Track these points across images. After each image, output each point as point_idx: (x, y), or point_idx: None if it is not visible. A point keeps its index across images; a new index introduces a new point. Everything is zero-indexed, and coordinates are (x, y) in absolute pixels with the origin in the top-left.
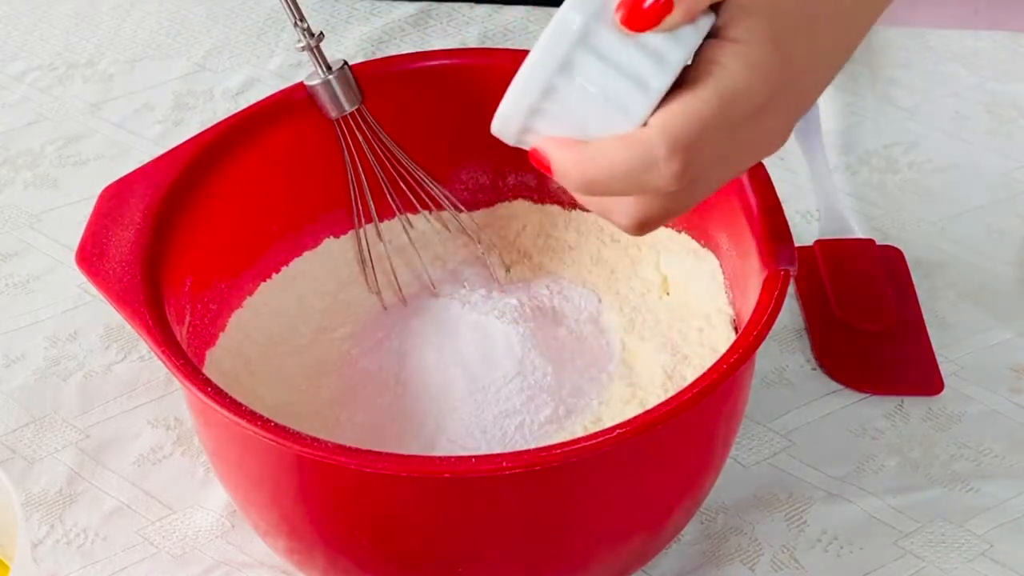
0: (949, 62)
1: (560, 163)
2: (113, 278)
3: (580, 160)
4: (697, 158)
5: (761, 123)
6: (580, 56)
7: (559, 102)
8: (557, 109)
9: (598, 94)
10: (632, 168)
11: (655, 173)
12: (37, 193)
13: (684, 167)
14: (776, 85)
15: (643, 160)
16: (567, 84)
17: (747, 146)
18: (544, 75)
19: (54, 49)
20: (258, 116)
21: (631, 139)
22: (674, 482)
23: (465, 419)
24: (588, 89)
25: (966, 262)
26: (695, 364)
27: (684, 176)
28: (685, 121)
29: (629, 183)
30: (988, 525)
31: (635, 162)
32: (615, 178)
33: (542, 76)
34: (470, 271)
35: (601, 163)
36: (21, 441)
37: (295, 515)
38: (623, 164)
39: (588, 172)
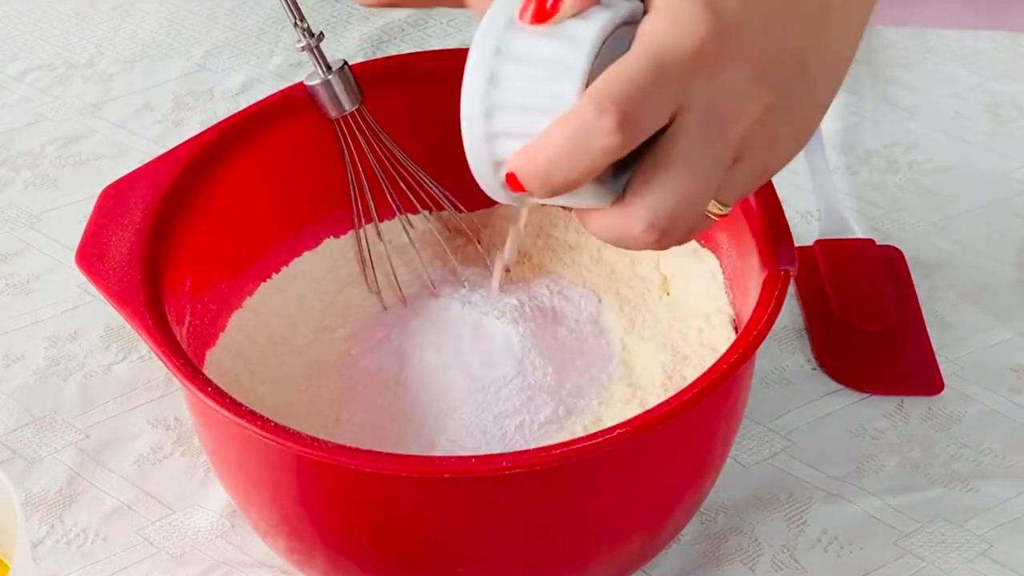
0: (949, 62)
1: (517, 170)
2: (113, 278)
3: (528, 157)
4: (637, 109)
5: (718, 78)
6: (501, 66)
7: (504, 119)
8: (506, 126)
9: (529, 91)
10: (571, 139)
11: (594, 132)
12: (37, 193)
13: (622, 118)
14: (706, 33)
15: (577, 127)
16: (500, 96)
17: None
18: (477, 100)
19: (54, 49)
20: (258, 116)
21: (564, 115)
22: (674, 482)
23: (465, 419)
24: (519, 92)
25: (966, 262)
26: (695, 364)
27: (627, 128)
28: (610, 80)
29: (577, 158)
30: (988, 525)
31: (572, 132)
32: (562, 157)
33: (477, 103)
34: (470, 271)
35: (545, 150)
36: (21, 441)
37: (295, 515)
38: (563, 140)
39: (538, 164)
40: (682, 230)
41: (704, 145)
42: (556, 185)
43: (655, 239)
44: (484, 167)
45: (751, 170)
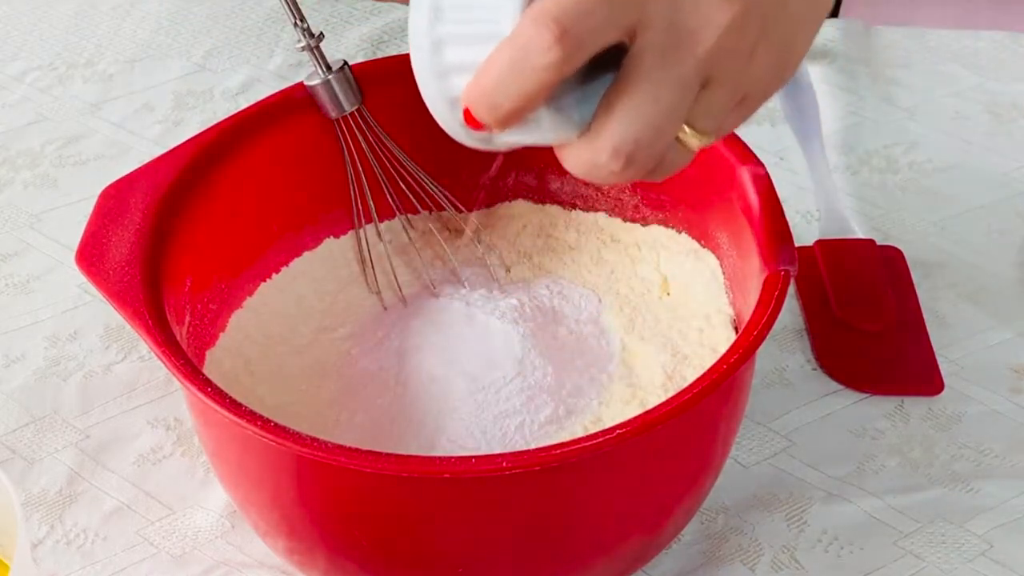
0: (949, 62)
1: (467, 102)
2: (113, 278)
3: (474, 85)
4: (576, 21)
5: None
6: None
7: (451, 52)
8: (454, 58)
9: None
10: (512, 61)
11: (534, 49)
12: (37, 193)
13: (560, 31)
14: None
15: (517, 47)
16: (444, 28)
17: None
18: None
19: (54, 49)
20: (258, 116)
21: (506, 38)
22: (674, 482)
23: (465, 419)
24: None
25: (966, 262)
26: (695, 364)
27: (566, 41)
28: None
29: (520, 79)
30: (988, 525)
31: (511, 53)
32: (506, 81)
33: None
34: (470, 271)
35: (489, 75)
36: (21, 441)
37: (295, 515)
38: (505, 62)
39: (483, 89)
40: (651, 158)
41: (667, 64)
42: (505, 110)
43: (621, 167)
44: (442, 108)
45: (727, 94)
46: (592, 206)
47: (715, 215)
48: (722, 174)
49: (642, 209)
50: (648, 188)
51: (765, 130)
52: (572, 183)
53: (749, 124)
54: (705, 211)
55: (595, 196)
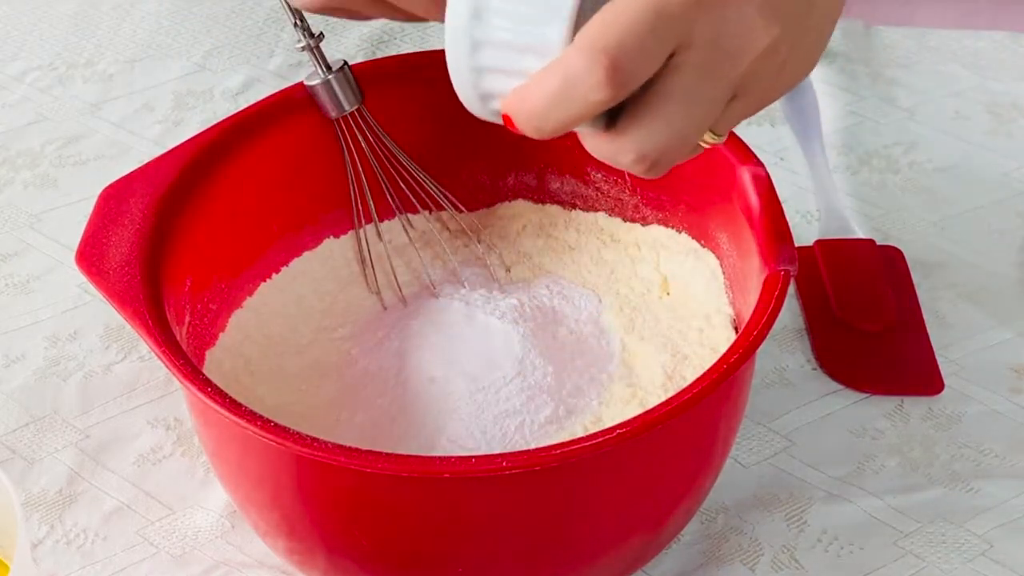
0: (949, 62)
1: (509, 111)
2: (113, 278)
3: (520, 100)
4: (631, 60)
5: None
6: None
7: (489, 54)
8: (492, 61)
9: (515, 30)
10: (561, 88)
11: (585, 87)
12: (37, 193)
13: (613, 72)
14: None
15: (567, 76)
16: (484, 32)
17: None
18: (461, 35)
19: (54, 49)
20: (258, 116)
21: (555, 61)
22: (674, 482)
23: (465, 419)
24: (505, 29)
25: (966, 262)
26: (695, 364)
27: (617, 81)
28: (603, 25)
29: (568, 106)
30: (988, 525)
31: (561, 81)
32: (554, 106)
33: (461, 38)
34: (470, 271)
35: (535, 94)
36: (21, 441)
37: (295, 515)
38: (552, 89)
39: (528, 107)
40: (672, 162)
41: (703, 83)
42: (548, 131)
43: (644, 170)
44: (471, 98)
45: (752, 106)
46: (592, 206)
47: (715, 215)
48: (722, 174)
49: (642, 209)
50: (648, 188)
51: (765, 130)
52: (572, 183)
53: (749, 124)
54: (705, 211)
55: (595, 196)
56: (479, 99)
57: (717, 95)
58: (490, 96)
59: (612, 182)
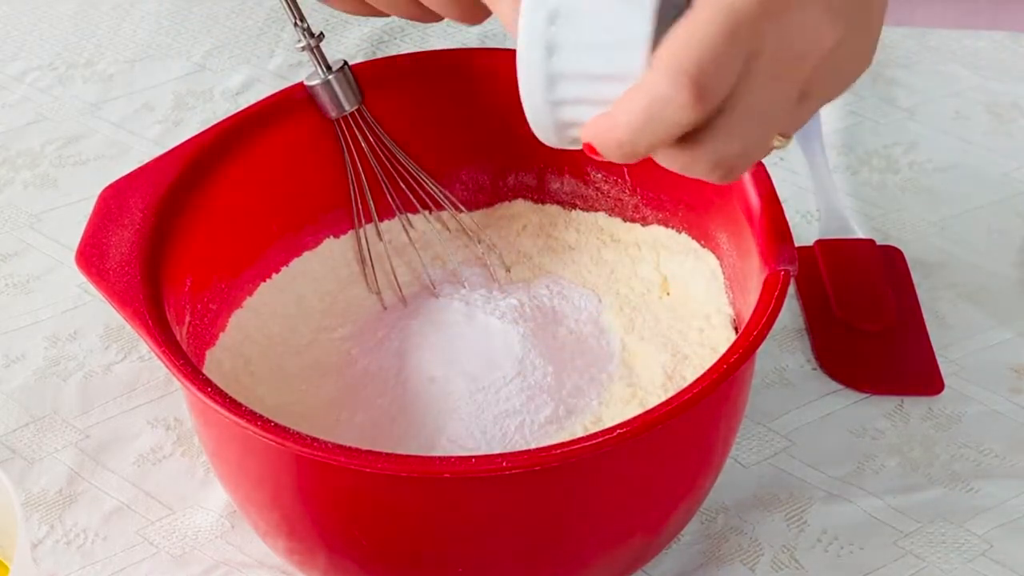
0: (949, 62)
1: (594, 140)
2: (113, 278)
3: (606, 128)
4: (713, 78)
5: (789, 18)
6: (558, 34)
7: (568, 87)
8: (571, 94)
9: (592, 60)
10: (648, 113)
11: (671, 109)
12: (37, 193)
13: (698, 92)
14: None
15: (653, 101)
16: (561, 65)
17: (788, 52)
18: (537, 71)
19: (54, 49)
20: (258, 116)
21: (637, 86)
22: (674, 482)
23: (465, 419)
24: (581, 61)
25: (966, 262)
26: (695, 364)
27: (703, 98)
28: (683, 45)
29: (656, 128)
30: (988, 525)
31: (648, 106)
32: (641, 129)
33: (537, 74)
34: (470, 271)
35: (622, 121)
36: (21, 441)
37: (295, 515)
38: (640, 113)
39: (616, 135)
40: (745, 168)
41: (772, 88)
42: (638, 155)
43: (719, 177)
44: (548, 129)
45: (818, 105)
46: (592, 206)
47: (715, 215)
48: None
49: (642, 209)
50: (648, 188)
51: None
52: (572, 183)
53: None
54: (705, 211)
55: (595, 196)
56: (556, 130)
57: (788, 98)
58: (569, 126)
59: (612, 182)
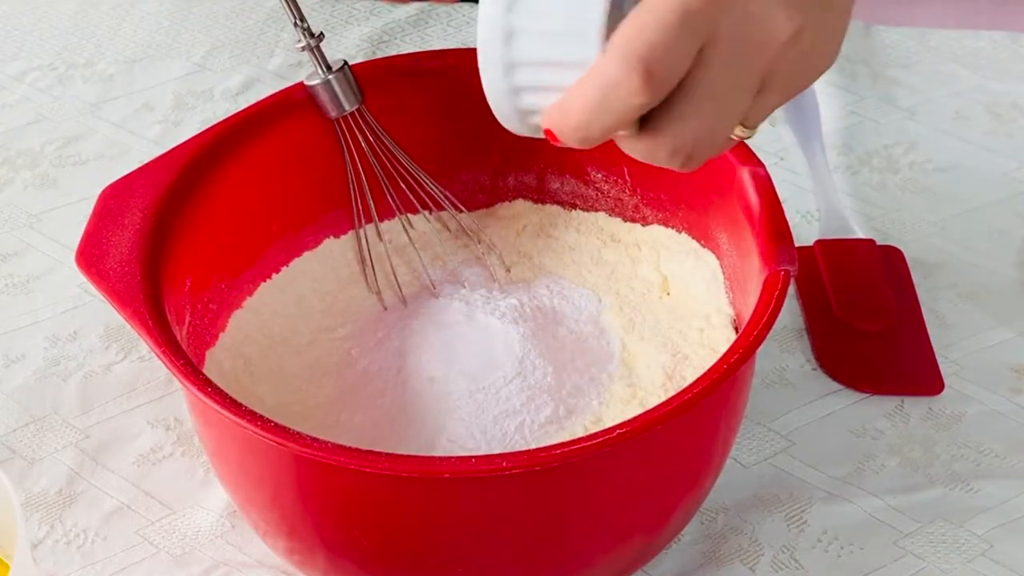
0: (949, 62)
1: (551, 125)
2: (113, 278)
3: (561, 114)
4: (663, 62)
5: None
6: (515, 21)
7: (525, 74)
8: (529, 81)
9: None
10: (600, 98)
11: (623, 92)
12: (37, 193)
13: (648, 76)
14: None
15: (605, 85)
16: (518, 53)
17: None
18: (495, 58)
19: (54, 49)
20: (258, 116)
21: (589, 73)
22: (674, 482)
23: (465, 419)
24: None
25: (966, 262)
26: (695, 364)
27: (653, 84)
28: (636, 29)
29: (608, 112)
30: (988, 525)
31: (599, 90)
32: (594, 114)
33: (495, 61)
34: (470, 271)
35: (575, 107)
36: (21, 441)
37: (295, 515)
38: (592, 99)
39: (571, 121)
40: (707, 155)
41: (730, 76)
42: (593, 140)
43: (678, 164)
44: (510, 116)
45: (780, 96)
46: (592, 206)
47: (715, 215)
48: (722, 174)
49: (642, 209)
50: (648, 188)
51: (765, 130)
52: (572, 183)
53: None
54: (705, 211)
55: (595, 196)
56: (518, 117)
57: (745, 86)
58: (529, 112)
59: (612, 182)
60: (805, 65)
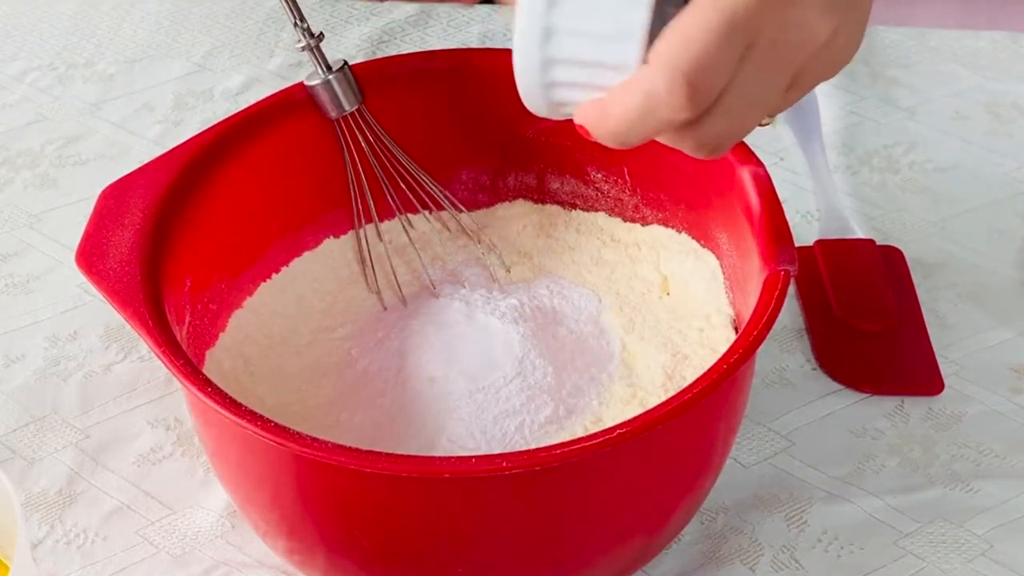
0: (949, 62)
1: (587, 123)
2: (113, 278)
3: (599, 117)
4: (708, 79)
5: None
6: (556, 19)
7: (562, 71)
8: (565, 77)
9: (587, 48)
10: (642, 109)
11: (666, 107)
12: (37, 193)
13: (692, 91)
14: None
15: (648, 98)
16: (557, 50)
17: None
18: (533, 54)
19: (54, 49)
20: (258, 116)
21: (632, 81)
22: (674, 482)
23: (465, 419)
24: (577, 48)
25: (966, 262)
26: (695, 364)
27: (697, 99)
28: (678, 44)
29: (649, 124)
30: (988, 525)
31: (642, 103)
32: (635, 123)
33: (533, 57)
34: (470, 271)
35: (616, 113)
36: (21, 441)
37: (295, 515)
38: (634, 108)
39: (610, 126)
40: (729, 146)
41: (762, 79)
42: (629, 144)
43: (704, 155)
44: (540, 107)
45: (806, 90)
46: (592, 206)
47: (715, 215)
48: (722, 174)
49: (642, 209)
50: (648, 188)
51: (765, 130)
52: (572, 183)
53: None
54: (705, 211)
55: (595, 196)
56: (548, 108)
57: (777, 88)
58: (561, 104)
59: (612, 182)
60: (833, 60)
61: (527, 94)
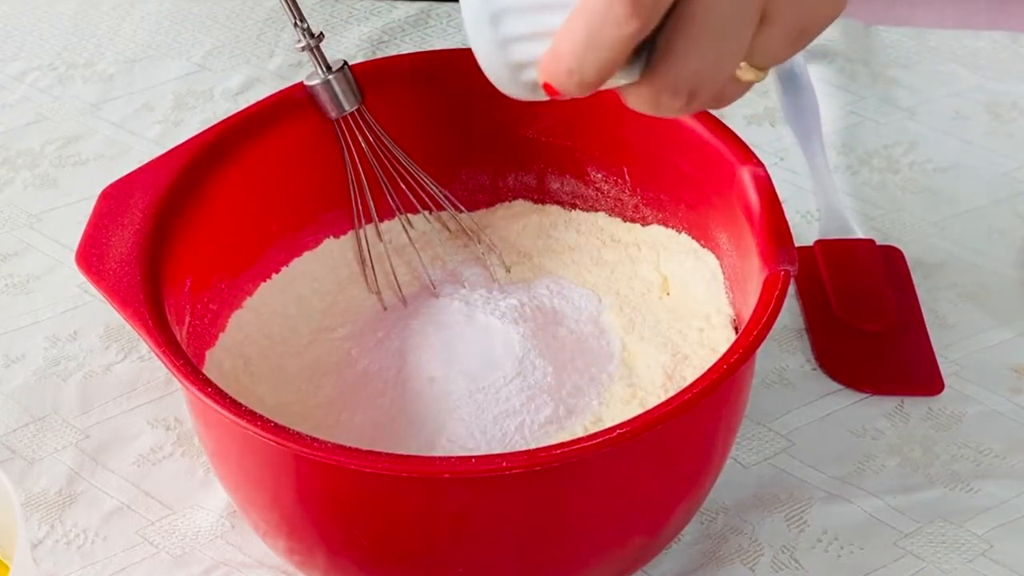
0: (949, 62)
1: (546, 73)
2: (113, 278)
3: (552, 60)
4: None
5: None
6: None
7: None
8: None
9: None
10: (588, 31)
11: (610, 24)
12: (37, 193)
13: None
14: None
15: (592, 18)
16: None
17: None
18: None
19: (54, 49)
20: (258, 116)
21: (575, 9)
22: (674, 482)
23: (465, 419)
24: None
25: (966, 262)
26: (695, 364)
27: (640, 10)
28: None
29: (599, 48)
30: (988, 525)
31: (588, 24)
32: (585, 52)
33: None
34: (470, 271)
35: (566, 49)
36: (21, 441)
37: (295, 515)
38: (581, 37)
39: (563, 61)
40: (710, 94)
41: (724, 5)
42: (590, 81)
43: (682, 103)
44: (503, 74)
45: (784, 30)
46: (592, 206)
47: (715, 215)
48: (722, 174)
49: (642, 209)
50: (648, 188)
51: (765, 130)
52: (572, 183)
53: (749, 124)
54: (705, 211)
55: (595, 196)
56: (511, 74)
57: (743, 16)
58: (522, 66)
59: (612, 182)
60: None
61: (488, 64)
